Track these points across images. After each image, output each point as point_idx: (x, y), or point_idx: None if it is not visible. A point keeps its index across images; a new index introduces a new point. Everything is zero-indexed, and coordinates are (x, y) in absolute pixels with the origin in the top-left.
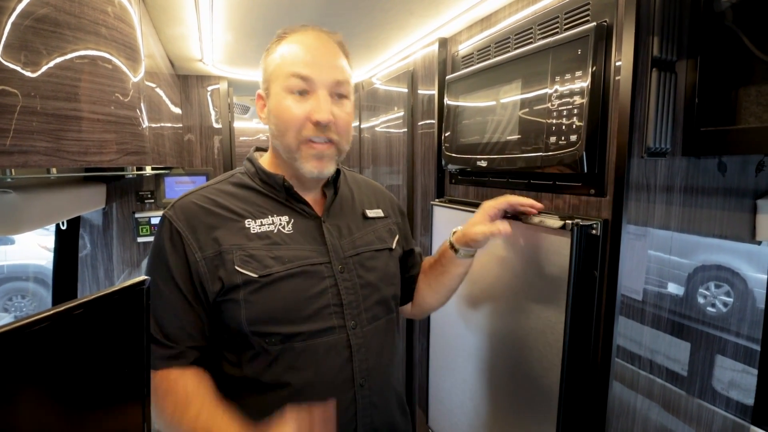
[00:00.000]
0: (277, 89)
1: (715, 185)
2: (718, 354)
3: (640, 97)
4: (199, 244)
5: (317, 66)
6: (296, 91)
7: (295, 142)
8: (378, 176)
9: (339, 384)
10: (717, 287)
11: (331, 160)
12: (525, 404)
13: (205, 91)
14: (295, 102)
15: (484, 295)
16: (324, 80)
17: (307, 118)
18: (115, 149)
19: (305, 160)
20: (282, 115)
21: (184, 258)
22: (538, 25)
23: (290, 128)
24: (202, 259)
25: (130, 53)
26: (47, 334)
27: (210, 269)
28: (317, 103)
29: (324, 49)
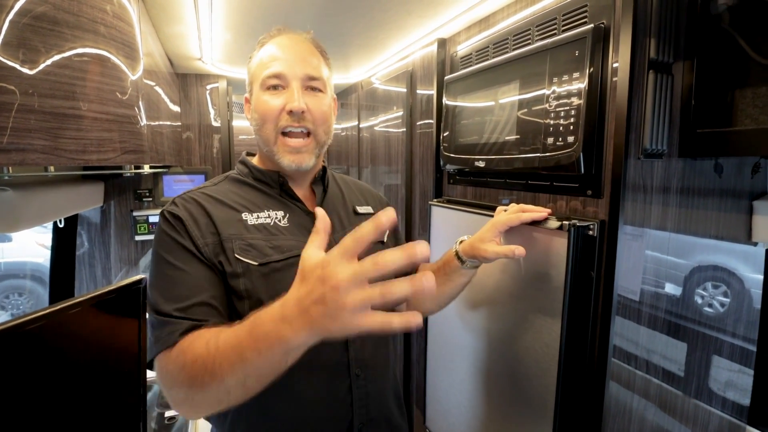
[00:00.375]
0: (257, 88)
1: (712, 186)
2: (714, 354)
3: (636, 98)
4: (200, 232)
5: (288, 62)
6: (272, 87)
7: (273, 133)
8: (377, 176)
9: (335, 373)
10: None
11: (308, 154)
12: (522, 404)
13: (204, 89)
14: (271, 96)
15: (481, 296)
16: (296, 74)
17: (282, 109)
18: (114, 148)
19: (282, 154)
20: (259, 109)
21: (188, 238)
22: (536, 27)
23: (267, 120)
24: (205, 245)
25: (128, 52)
26: (44, 332)
27: (213, 256)
28: (290, 94)
29: (295, 47)
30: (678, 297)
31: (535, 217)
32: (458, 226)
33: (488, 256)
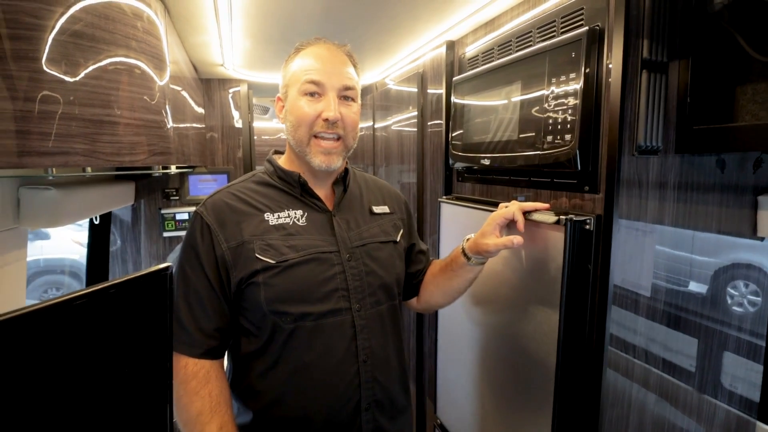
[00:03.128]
0: (294, 92)
1: (712, 182)
2: (725, 350)
3: (629, 97)
4: (225, 235)
5: (327, 73)
6: (309, 94)
7: (307, 136)
8: (391, 174)
9: (344, 359)
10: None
11: (338, 156)
12: (524, 392)
13: (227, 93)
14: (308, 102)
15: (486, 290)
16: (333, 84)
17: (317, 116)
18: (145, 150)
19: (314, 154)
20: (296, 113)
21: (212, 249)
22: (537, 29)
23: (303, 124)
24: (228, 249)
25: (157, 62)
26: (85, 309)
27: (234, 257)
28: (327, 103)
29: (334, 59)
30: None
31: (530, 207)
32: (466, 223)
33: (490, 249)
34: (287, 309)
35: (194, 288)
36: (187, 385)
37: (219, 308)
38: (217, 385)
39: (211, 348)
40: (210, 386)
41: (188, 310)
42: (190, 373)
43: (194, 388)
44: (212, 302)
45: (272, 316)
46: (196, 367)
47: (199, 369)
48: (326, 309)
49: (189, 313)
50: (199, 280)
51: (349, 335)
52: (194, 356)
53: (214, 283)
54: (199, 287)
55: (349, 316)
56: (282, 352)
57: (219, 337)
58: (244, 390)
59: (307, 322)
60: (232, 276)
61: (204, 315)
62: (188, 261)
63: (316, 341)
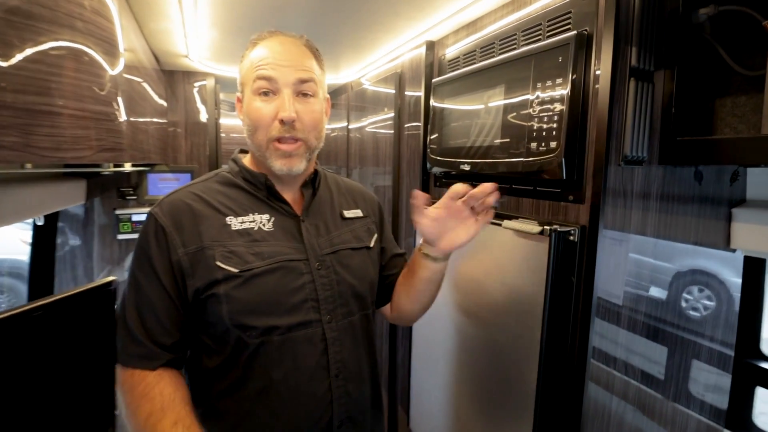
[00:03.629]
0: (248, 92)
1: (691, 193)
2: (694, 359)
3: (617, 105)
4: (182, 239)
5: (279, 67)
6: (262, 92)
7: (265, 140)
8: (365, 177)
9: (315, 375)
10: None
11: (299, 158)
12: (503, 406)
13: (192, 87)
14: (262, 103)
15: (464, 299)
16: (287, 80)
17: (273, 118)
18: (90, 145)
19: (274, 159)
20: (252, 116)
21: (167, 254)
22: (522, 32)
23: (259, 127)
24: (185, 254)
25: (107, 48)
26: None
27: (192, 264)
28: (281, 102)
29: (286, 52)
30: (661, 300)
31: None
32: None
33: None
34: (252, 322)
35: (147, 297)
36: (135, 391)
37: (175, 319)
38: (170, 383)
39: (169, 362)
40: (161, 385)
41: (140, 321)
42: (137, 379)
43: (142, 391)
44: (168, 312)
45: (236, 331)
46: (144, 373)
47: (161, 376)
48: (295, 321)
49: (141, 325)
50: (153, 287)
51: (319, 349)
52: (147, 369)
53: (169, 290)
54: (152, 296)
55: (320, 329)
56: (247, 369)
57: (175, 350)
58: (205, 410)
59: (274, 336)
60: (189, 284)
61: (158, 326)
62: (140, 267)
63: (285, 356)
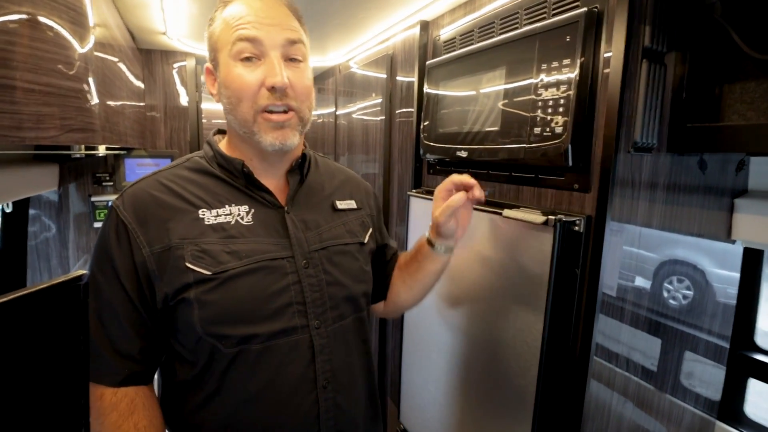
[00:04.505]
0: (225, 58)
1: (696, 183)
2: (687, 350)
3: (629, 88)
4: (147, 237)
5: (264, 26)
6: (245, 57)
7: (251, 112)
8: (354, 164)
9: (300, 386)
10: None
11: (293, 130)
12: (499, 403)
13: (171, 67)
14: (245, 69)
15: (461, 291)
16: (274, 41)
17: (260, 85)
18: (56, 125)
19: (264, 132)
20: (233, 85)
21: (129, 254)
22: (524, 10)
23: (244, 98)
24: (150, 254)
25: (75, 18)
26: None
27: (159, 266)
28: (270, 67)
29: (269, 8)
30: (649, 292)
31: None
32: None
33: (440, 220)
34: (228, 331)
35: (108, 302)
36: (106, 419)
37: (141, 326)
38: (145, 416)
39: (134, 373)
40: (135, 417)
41: (102, 330)
42: (108, 404)
43: (115, 421)
44: (131, 319)
45: (209, 340)
46: (115, 397)
47: (121, 399)
48: (277, 328)
49: (102, 334)
50: (114, 292)
51: (306, 358)
52: (112, 385)
53: (133, 296)
54: (115, 301)
55: (306, 335)
56: (222, 381)
57: (143, 360)
58: (178, 425)
59: (253, 346)
60: (157, 289)
61: (121, 335)
62: (101, 269)
63: (265, 367)
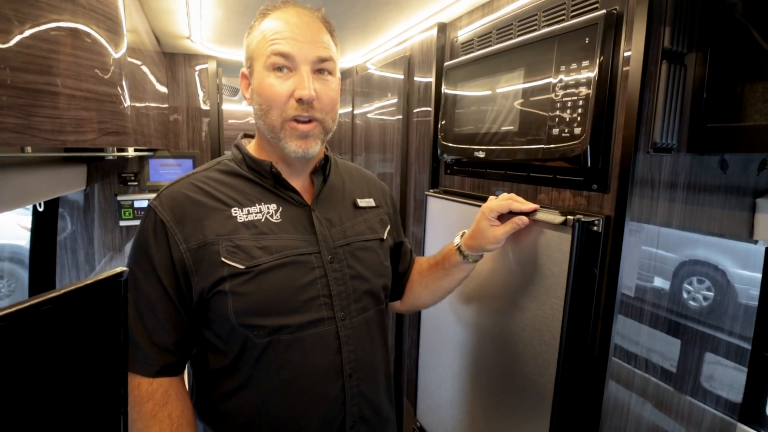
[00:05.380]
0: (260, 67)
1: (717, 183)
2: (707, 352)
3: (648, 89)
4: (184, 235)
5: (298, 42)
6: (277, 68)
7: (279, 120)
8: (370, 164)
9: (328, 375)
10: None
11: (315, 139)
12: (517, 402)
13: (193, 70)
14: (277, 80)
15: (478, 290)
16: (305, 56)
17: (290, 96)
18: (94, 128)
19: (289, 139)
20: (264, 93)
21: (167, 251)
22: (543, 12)
23: (274, 106)
24: (187, 250)
25: (111, 26)
26: (6, 333)
27: (195, 261)
28: (299, 79)
29: (304, 26)
30: (669, 292)
31: (524, 209)
32: (455, 218)
33: (495, 242)
34: (260, 322)
35: (146, 296)
36: (142, 408)
37: (176, 319)
38: (178, 405)
39: (169, 364)
40: (169, 407)
41: (140, 323)
42: (144, 393)
43: (150, 410)
44: (168, 313)
45: (242, 330)
46: (151, 387)
47: (156, 389)
48: (306, 320)
49: (140, 326)
50: (152, 287)
51: (333, 348)
52: (149, 375)
53: (170, 290)
54: (152, 296)
55: (333, 326)
56: (254, 369)
57: (177, 352)
58: (209, 412)
59: (283, 336)
60: (193, 283)
61: (158, 328)
62: (139, 265)
63: (295, 356)
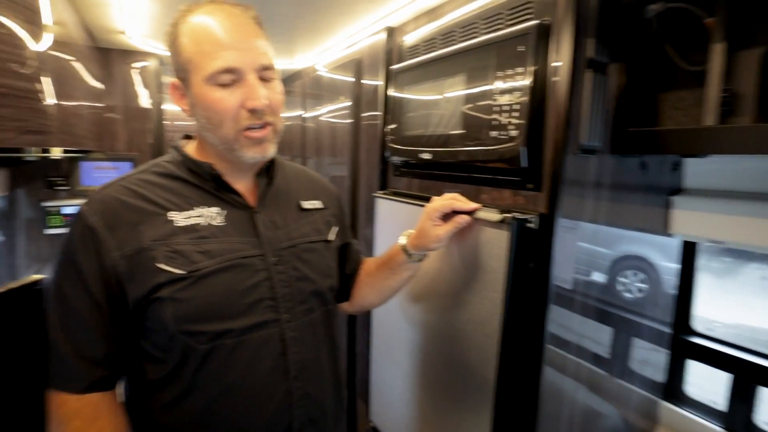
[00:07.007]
0: (199, 80)
1: (638, 182)
2: (636, 338)
3: (575, 96)
4: (117, 241)
5: (240, 52)
6: (224, 83)
7: (233, 132)
8: (322, 167)
9: (273, 377)
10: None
11: (270, 143)
12: (462, 394)
13: (130, 67)
14: (225, 93)
15: (425, 289)
16: (250, 65)
17: (240, 107)
18: (10, 127)
19: (245, 148)
20: (213, 108)
21: (97, 259)
22: (483, 20)
23: (225, 120)
24: (121, 257)
25: (30, 17)
26: None
27: (130, 268)
28: (250, 90)
29: (242, 30)
30: (604, 285)
31: (466, 208)
32: (404, 219)
33: (442, 239)
34: (202, 327)
35: (74, 308)
36: (68, 426)
37: (107, 331)
38: (110, 422)
39: (100, 379)
40: (99, 423)
41: (67, 336)
42: (71, 411)
43: (78, 428)
44: (98, 325)
45: (183, 337)
46: (79, 404)
47: (84, 405)
48: (250, 323)
49: (67, 340)
50: (80, 298)
51: (278, 350)
52: (77, 391)
53: (100, 300)
54: (81, 307)
55: (277, 329)
56: (195, 378)
57: (109, 366)
58: (147, 425)
59: (226, 340)
60: (128, 292)
61: (88, 341)
62: (66, 276)
63: (239, 361)
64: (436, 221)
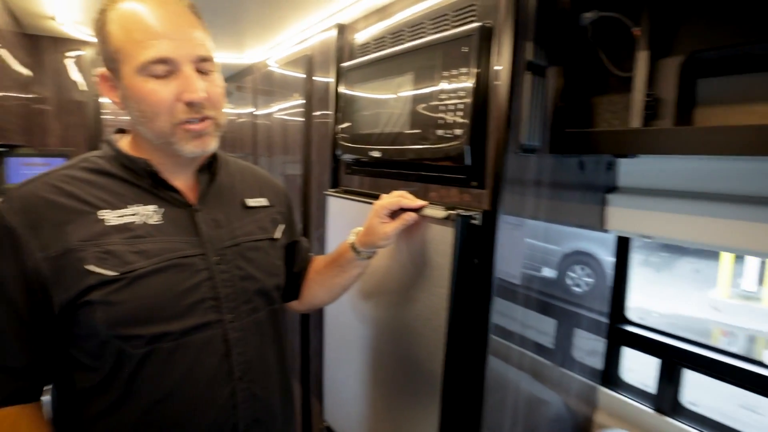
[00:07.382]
0: (130, 71)
1: (576, 181)
2: (578, 328)
3: (516, 97)
4: (40, 242)
5: (174, 41)
6: (157, 74)
7: (168, 126)
8: (274, 165)
9: (215, 380)
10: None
11: (211, 137)
12: (411, 388)
13: (63, 56)
14: (158, 85)
15: (375, 286)
16: (186, 56)
17: (176, 99)
18: None
19: (184, 142)
20: (146, 101)
21: (16, 262)
22: (429, 21)
23: (160, 113)
24: (45, 259)
25: None
26: None
27: (55, 271)
28: (186, 82)
29: (176, 18)
30: (552, 279)
31: (413, 205)
32: (355, 217)
33: (389, 236)
34: (137, 331)
35: None
36: None
37: (28, 338)
38: None
39: (19, 390)
40: None
41: None
42: None
43: None
44: (17, 332)
45: (116, 342)
46: None
47: (2, 419)
48: (190, 325)
49: None
50: (2, 310)
51: (220, 352)
52: None
53: (20, 306)
54: (3, 317)
55: (220, 330)
56: (131, 384)
57: (30, 376)
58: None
59: (164, 344)
60: (54, 295)
61: (6, 349)
62: None
63: (178, 364)
64: (384, 219)
